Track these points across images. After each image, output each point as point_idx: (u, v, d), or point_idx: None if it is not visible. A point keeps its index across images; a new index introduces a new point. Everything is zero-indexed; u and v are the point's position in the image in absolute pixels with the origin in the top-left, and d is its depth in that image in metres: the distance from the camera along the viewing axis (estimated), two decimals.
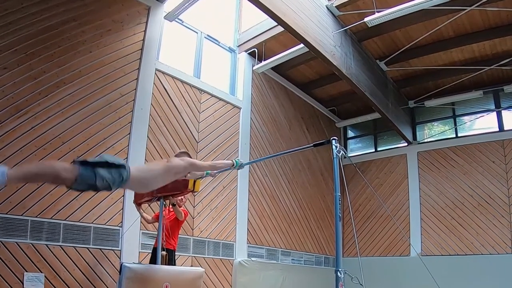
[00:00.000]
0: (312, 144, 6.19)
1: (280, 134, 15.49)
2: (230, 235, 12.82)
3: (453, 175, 15.75)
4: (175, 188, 7.69)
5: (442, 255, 15.08)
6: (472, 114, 16.25)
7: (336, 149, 5.50)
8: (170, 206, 8.99)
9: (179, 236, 9.80)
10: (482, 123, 16.05)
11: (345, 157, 6.02)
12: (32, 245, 8.58)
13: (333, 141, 5.55)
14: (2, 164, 6.14)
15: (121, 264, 6.88)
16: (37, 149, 8.96)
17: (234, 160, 6.55)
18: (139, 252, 10.25)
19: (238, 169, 6.69)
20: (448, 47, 13.78)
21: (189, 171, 6.12)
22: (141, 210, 9.37)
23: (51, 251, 8.81)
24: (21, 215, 8.53)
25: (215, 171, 7.18)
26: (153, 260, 8.68)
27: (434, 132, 17.16)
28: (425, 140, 17.01)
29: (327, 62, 11.74)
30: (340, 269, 5.15)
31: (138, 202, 9.08)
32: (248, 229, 13.40)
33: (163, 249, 8.20)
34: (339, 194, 5.45)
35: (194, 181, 6.87)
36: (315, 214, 16.59)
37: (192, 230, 11.68)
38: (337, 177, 5.48)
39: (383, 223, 16.76)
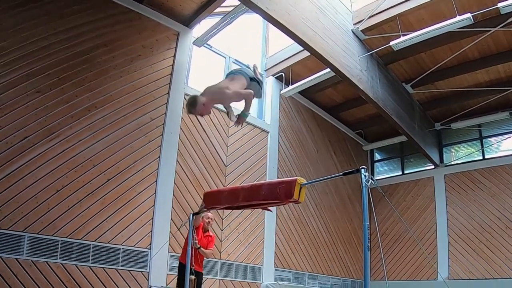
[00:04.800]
0: (341, 173, 6.11)
1: (308, 158, 15.52)
2: (258, 258, 12.82)
3: (481, 197, 15.49)
4: (272, 197, 6.52)
5: (470, 279, 14.81)
6: (499, 135, 16.06)
7: (365, 178, 5.45)
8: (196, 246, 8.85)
9: (207, 259, 9.85)
10: (509, 145, 15.85)
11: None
12: (62, 265, 8.72)
13: (362, 170, 5.46)
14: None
15: (150, 287, 6.94)
16: (69, 171, 9.12)
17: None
18: (167, 274, 10.31)
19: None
20: (473, 68, 13.71)
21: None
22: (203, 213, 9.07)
23: (81, 272, 8.94)
24: (52, 236, 8.68)
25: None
26: (181, 280, 8.66)
27: (461, 154, 16.98)
28: (452, 163, 16.80)
29: (354, 86, 11.80)
30: None
31: (208, 207, 8.55)
32: (275, 252, 13.38)
33: (191, 273, 8.20)
34: (368, 223, 5.37)
35: (300, 189, 6.05)
36: (342, 238, 16.52)
37: (220, 253, 11.72)
38: (365, 206, 5.38)
39: (411, 246, 16.55)
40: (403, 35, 11.18)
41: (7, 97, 8.57)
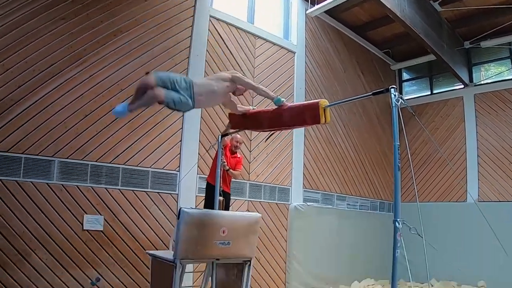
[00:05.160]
0: (371, 93, 6.02)
1: (335, 78, 15.38)
2: (286, 179, 12.95)
3: (511, 118, 15.38)
4: (297, 122, 6.92)
5: (499, 201, 14.74)
6: None
7: (395, 98, 5.38)
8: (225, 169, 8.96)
9: (236, 180, 9.94)
10: None
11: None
12: (92, 188, 8.98)
13: (392, 89, 5.38)
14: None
15: (180, 209, 7.02)
16: (96, 96, 9.23)
17: (277, 97, 6.62)
18: (196, 196, 10.52)
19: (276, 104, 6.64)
20: None
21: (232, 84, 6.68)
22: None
23: (110, 194, 9.20)
24: (81, 160, 8.90)
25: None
26: (208, 200, 8.78)
27: (491, 73, 16.54)
28: (482, 82, 16.46)
29: (380, 5, 11.58)
30: (398, 219, 5.12)
31: (235, 128, 8.37)
32: (304, 173, 13.50)
33: (220, 195, 8.29)
34: (398, 143, 5.33)
35: (324, 110, 6.15)
36: (370, 159, 16.55)
37: (248, 174, 11.86)
38: (396, 126, 5.32)
39: (440, 168, 16.49)
40: None
41: (32, 26, 8.60)
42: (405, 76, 19.13)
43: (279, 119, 6.76)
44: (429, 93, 18.02)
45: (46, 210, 8.42)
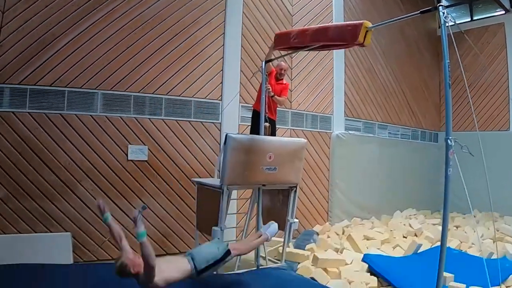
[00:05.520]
0: (419, 12, 5.90)
1: (373, 4, 14.97)
2: (328, 108, 12.87)
3: None
4: (338, 38, 6.56)
5: None
6: None
7: (443, 15, 5.29)
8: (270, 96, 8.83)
9: (278, 109, 9.89)
10: None
11: (453, 24, 5.65)
12: (136, 119, 9.09)
13: (440, 7, 5.30)
14: None
15: (226, 134, 7.01)
16: (136, 28, 9.23)
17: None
18: (239, 124, 10.56)
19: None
20: None
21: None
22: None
23: (154, 125, 9.30)
24: (124, 91, 8.98)
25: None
26: (254, 127, 8.75)
27: None
28: None
29: None
30: (450, 137, 5.09)
31: (279, 48, 8.40)
32: (345, 102, 13.38)
33: (266, 121, 8.24)
34: (448, 61, 5.26)
35: (366, 33, 5.97)
36: (412, 87, 16.27)
37: (290, 103, 11.80)
38: (445, 44, 5.26)
39: (481, 96, 16.21)
40: None
41: None
42: (444, 2, 18.56)
43: (324, 32, 6.71)
44: (469, 19, 17.49)
45: (91, 142, 8.60)
